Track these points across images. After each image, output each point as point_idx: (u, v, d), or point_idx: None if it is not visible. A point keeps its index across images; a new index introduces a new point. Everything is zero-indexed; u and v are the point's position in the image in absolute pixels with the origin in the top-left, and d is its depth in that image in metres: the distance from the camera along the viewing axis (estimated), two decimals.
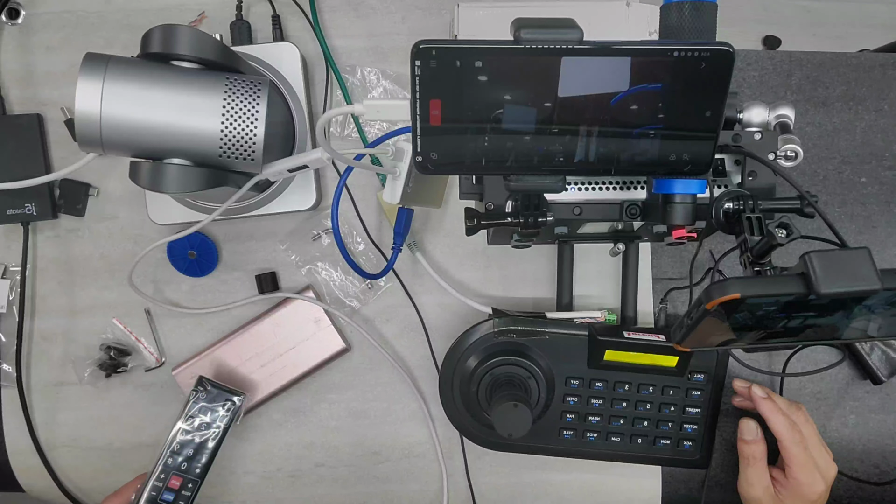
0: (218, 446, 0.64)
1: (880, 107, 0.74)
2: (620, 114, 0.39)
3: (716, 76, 0.38)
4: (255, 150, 0.55)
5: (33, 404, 0.71)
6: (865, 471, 0.73)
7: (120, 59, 0.53)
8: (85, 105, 0.52)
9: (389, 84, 0.71)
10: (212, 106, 0.54)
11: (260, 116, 0.55)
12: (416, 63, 0.37)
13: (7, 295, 0.70)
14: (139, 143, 0.54)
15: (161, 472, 0.62)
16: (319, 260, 0.71)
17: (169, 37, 0.53)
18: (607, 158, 0.41)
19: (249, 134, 0.55)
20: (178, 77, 0.54)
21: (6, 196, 0.68)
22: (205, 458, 0.63)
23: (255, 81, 0.56)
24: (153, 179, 0.54)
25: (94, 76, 0.52)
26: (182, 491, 0.62)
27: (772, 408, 0.63)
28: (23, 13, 0.71)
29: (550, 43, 0.36)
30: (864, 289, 0.37)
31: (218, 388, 0.64)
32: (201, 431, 0.63)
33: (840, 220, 0.73)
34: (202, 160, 0.55)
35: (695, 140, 0.40)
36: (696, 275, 0.71)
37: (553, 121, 0.39)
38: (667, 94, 0.39)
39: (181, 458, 0.63)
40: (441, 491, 0.71)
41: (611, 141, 0.40)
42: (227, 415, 0.64)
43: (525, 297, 0.72)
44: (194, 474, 0.63)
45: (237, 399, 0.64)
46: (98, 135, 0.52)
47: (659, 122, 0.40)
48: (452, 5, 0.66)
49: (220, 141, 0.54)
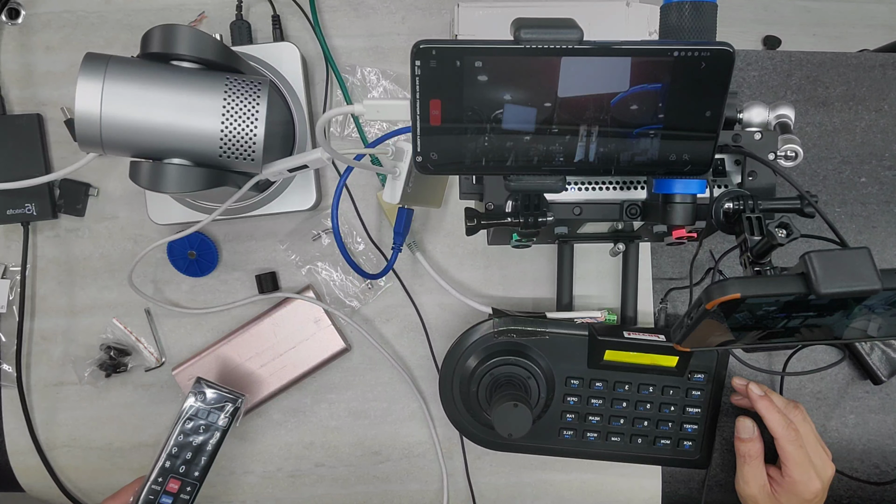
0: (217, 448, 0.63)
1: (880, 107, 0.74)
2: (620, 114, 0.39)
3: (716, 76, 0.38)
4: (256, 150, 0.55)
5: (33, 404, 0.71)
6: (865, 471, 0.73)
7: (120, 58, 0.53)
8: (85, 105, 0.52)
9: (389, 84, 0.71)
10: (212, 106, 0.54)
11: (260, 116, 0.55)
12: (416, 63, 0.37)
13: (7, 295, 0.70)
14: (139, 143, 0.54)
15: (158, 475, 0.62)
16: (319, 260, 0.71)
17: (169, 37, 0.53)
18: (607, 158, 0.41)
19: (249, 134, 0.55)
20: (178, 77, 0.54)
21: (6, 196, 0.68)
22: (203, 461, 0.62)
23: (256, 81, 0.56)
24: (153, 179, 0.54)
25: (94, 76, 0.52)
26: (180, 494, 0.62)
27: (768, 406, 0.63)
28: (23, 13, 0.71)
29: (550, 43, 0.36)
30: (864, 289, 0.37)
31: (217, 389, 0.63)
32: (199, 434, 0.62)
33: (840, 220, 0.73)
34: (202, 160, 0.55)
35: (695, 140, 0.40)
36: (696, 275, 0.71)
37: (553, 121, 0.39)
38: (667, 94, 0.39)
39: (179, 460, 0.62)
40: (441, 491, 0.71)
41: (611, 141, 0.40)
42: (227, 417, 0.63)
43: (525, 297, 0.72)
44: (193, 477, 0.62)
45: (236, 400, 0.64)
46: (98, 135, 0.52)
47: (659, 122, 0.40)
48: (452, 5, 0.66)
49: (220, 141, 0.54)
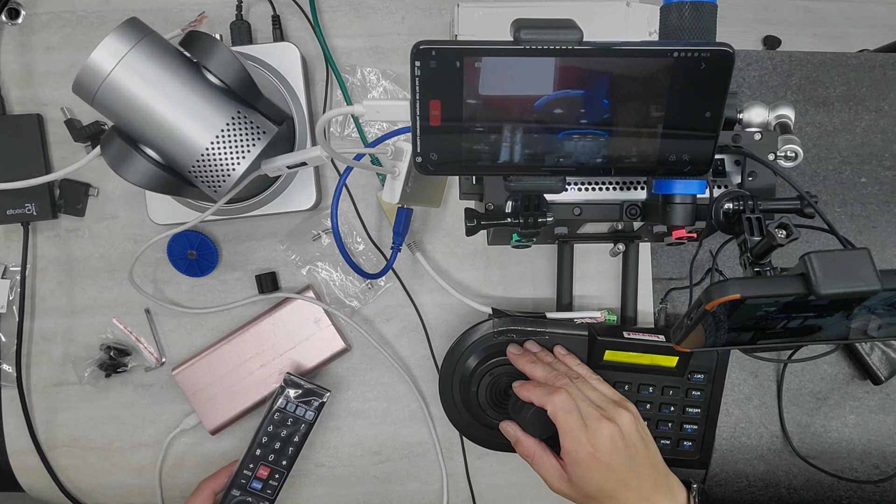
0: (304, 440, 0.66)
1: (880, 107, 0.74)
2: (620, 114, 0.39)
3: (716, 76, 0.38)
4: (225, 183, 0.55)
5: (33, 404, 0.71)
6: (865, 471, 0.73)
7: (159, 38, 0.54)
8: (100, 58, 0.51)
9: (389, 84, 0.71)
10: (212, 124, 0.54)
11: (248, 157, 0.55)
12: (415, 63, 0.37)
13: (7, 295, 0.70)
14: (127, 116, 0.53)
15: (249, 461, 0.66)
16: (319, 260, 0.71)
17: (209, 50, 0.54)
18: (607, 158, 0.41)
19: (229, 166, 0.54)
20: (197, 82, 0.54)
21: (6, 196, 0.68)
22: (291, 451, 0.66)
23: (261, 128, 0.55)
24: (117, 158, 0.54)
25: (125, 39, 0.52)
26: (269, 480, 0.66)
27: (525, 386, 0.57)
28: (23, 13, 0.71)
29: (550, 43, 0.36)
30: (864, 289, 0.37)
31: (306, 384, 0.66)
32: (287, 426, 0.66)
33: (840, 220, 0.73)
34: (172, 164, 0.55)
35: (695, 140, 0.40)
36: (696, 275, 0.71)
37: (553, 121, 0.39)
38: (666, 95, 0.39)
39: (269, 449, 0.66)
40: (441, 491, 0.71)
41: (610, 141, 0.40)
42: (313, 411, 0.66)
43: (525, 297, 0.72)
44: (281, 465, 0.66)
45: (323, 395, 0.66)
46: (95, 88, 0.52)
47: (659, 122, 0.40)
48: (452, 5, 0.66)
49: (199, 157, 0.54)
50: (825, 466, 0.72)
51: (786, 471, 0.73)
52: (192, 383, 0.69)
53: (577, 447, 0.52)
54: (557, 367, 0.59)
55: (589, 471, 0.53)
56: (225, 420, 0.69)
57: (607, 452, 0.52)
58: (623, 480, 0.53)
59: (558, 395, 0.54)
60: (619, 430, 0.53)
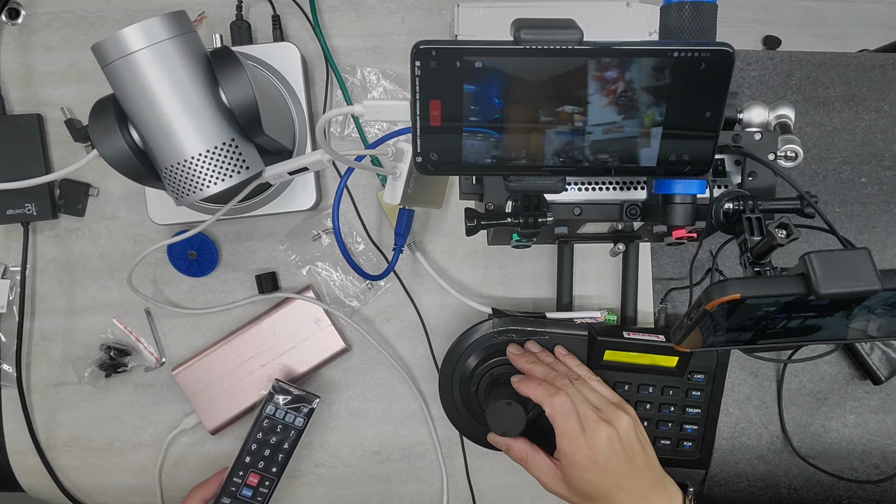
0: (293, 447, 0.66)
1: (880, 107, 0.74)
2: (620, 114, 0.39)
3: (716, 76, 0.38)
4: (191, 195, 0.55)
5: (33, 404, 0.71)
6: (865, 471, 0.73)
7: (197, 40, 0.55)
8: (132, 36, 0.51)
9: (389, 84, 0.71)
10: (207, 139, 0.54)
11: (223, 184, 0.55)
12: (416, 63, 0.37)
13: (7, 295, 0.70)
14: (133, 95, 0.53)
15: (238, 468, 0.66)
16: (319, 260, 0.71)
17: (230, 72, 0.54)
18: (607, 158, 0.41)
19: (202, 183, 0.55)
20: (212, 96, 0.54)
21: (6, 196, 0.69)
22: (281, 458, 0.66)
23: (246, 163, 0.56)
24: (101, 130, 0.53)
25: (167, 28, 0.52)
26: (259, 487, 0.66)
27: (525, 381, 0.57)
28: (23, 13, 0.71)
29: (550, 43, 0.36)
30: (864, 289, 0.37)
31: (295, 391, 0.66)
32: (276, 433, 0.66)
33: (840, 220, 0.73)
34: (150, 153, 0.55)
35: (695, 140, 0.40)
36: (696, 275, 0.71)
37: (553, 121, 0.39)
38: (666, 95, 0.39)
39: (258, 457, 0.66)
40: (441, 491, 0.71)
41: (611, 141, 0.40)
42: (303, 418, 0.66)
43: (525, 297, 0.72)
44: (271, 472, 0.66)
45: (312, 401, 0.66)
46: (114, 59, 0.52)
47: (659, 122, 0.40)
48: (452, 5, 0.66)
49: (179, 161, 0.54)
50: (825, 466, 0.72)
51: (786, 471, 0.73)
52: (192, 383, 0.69)
53: (575, 449, 0.52)
54: (557, 367, 0.59)
55: (585, 472, 0.53)
56: (225, 420, 0.69)
57: (604, 454, 0.52)
58: (619, 482, 0.53)
59: (558, 396, 0.54)
60: (617, 433, 0.53)
